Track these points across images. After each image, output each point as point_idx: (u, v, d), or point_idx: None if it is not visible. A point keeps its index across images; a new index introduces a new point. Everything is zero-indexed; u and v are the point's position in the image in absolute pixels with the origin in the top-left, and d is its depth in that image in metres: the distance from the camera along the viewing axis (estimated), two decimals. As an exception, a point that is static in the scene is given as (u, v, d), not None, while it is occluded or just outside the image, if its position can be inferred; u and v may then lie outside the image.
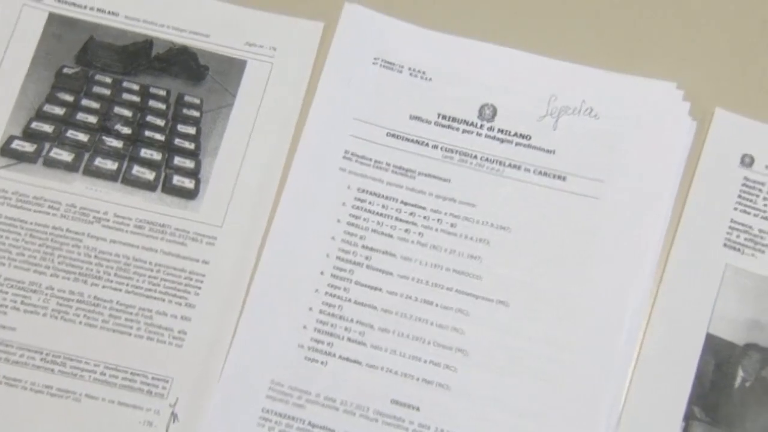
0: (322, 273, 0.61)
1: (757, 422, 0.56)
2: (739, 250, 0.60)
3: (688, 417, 0.56)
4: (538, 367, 0.59)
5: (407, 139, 0.64)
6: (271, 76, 0.65)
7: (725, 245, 0.60)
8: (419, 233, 0.62)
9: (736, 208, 0.61)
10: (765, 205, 0.60)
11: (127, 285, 0.61)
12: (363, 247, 0.62)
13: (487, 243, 0.62)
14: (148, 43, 0.66)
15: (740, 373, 0.57)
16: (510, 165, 0.63)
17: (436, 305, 0.61)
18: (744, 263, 0.59)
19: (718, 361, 0.57)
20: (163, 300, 0.61)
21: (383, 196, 0.63)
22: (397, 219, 0.63)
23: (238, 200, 0.63)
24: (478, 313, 0.60)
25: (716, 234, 0.60)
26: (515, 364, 0.59)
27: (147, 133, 0.65)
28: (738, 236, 0.60)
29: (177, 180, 0.63)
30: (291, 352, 0.60)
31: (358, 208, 0.63)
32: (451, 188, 0.63)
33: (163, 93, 0.65)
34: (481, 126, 0.64)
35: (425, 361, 0.59)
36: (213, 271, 0.61)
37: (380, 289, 0.61)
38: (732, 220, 0.60)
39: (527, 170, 0.63)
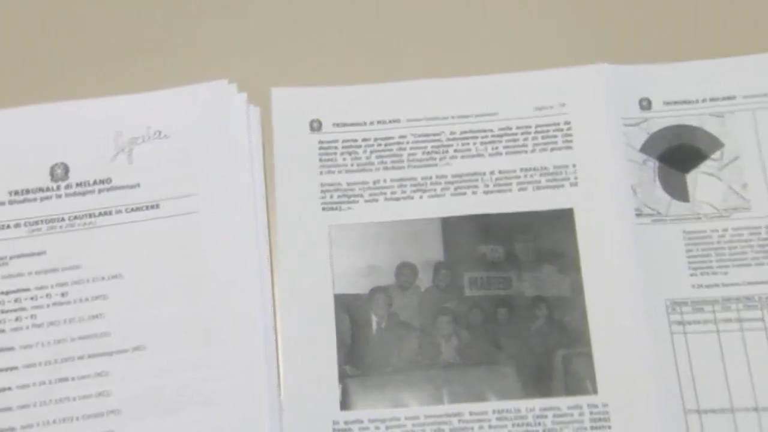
0: (-64, 400, 0.56)
1: (401, 355, 0.58)
2: (336, 208, 0.62)
3: (344, 377, 0.57)
4: (194, 395, 0.57)
5: (-16, 229, 0.60)
6: None
7: (324, 209, 0.62)
8: (32, 316, 0.59)
9: (321, 172, 0.63)
10: (344, 159, 0.63)
11: None
12: (-24, 354, 0.58)
13: (105, 297, 0.59)
14: None
15: (374, 318, 0.59)
16: (100, 213, 0.61)
17: (73, 379, 0.57)
18: (344, 219, 0.61)
19: (352, 315, 0.59)
20: None
21: (-20, 295, 0.59)
22: (2, 312, 0.59)
23: None
24: (118, 368, 0.58)
25: (312, 202, 0.62)
26: (172, 402, 0.57)
27: None
28: (332, 196, 0.62)
29: None
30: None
31: (-44, 318, 0.58)
32: (48, 259, 0.60)
33: None
34: (58, 187, 0.62)
35: (79, 439, 0.56)
36: None
37: (9, 389, 0.57)
38: (321, 184, 0.62)
39: (119, 212, 0.61)
